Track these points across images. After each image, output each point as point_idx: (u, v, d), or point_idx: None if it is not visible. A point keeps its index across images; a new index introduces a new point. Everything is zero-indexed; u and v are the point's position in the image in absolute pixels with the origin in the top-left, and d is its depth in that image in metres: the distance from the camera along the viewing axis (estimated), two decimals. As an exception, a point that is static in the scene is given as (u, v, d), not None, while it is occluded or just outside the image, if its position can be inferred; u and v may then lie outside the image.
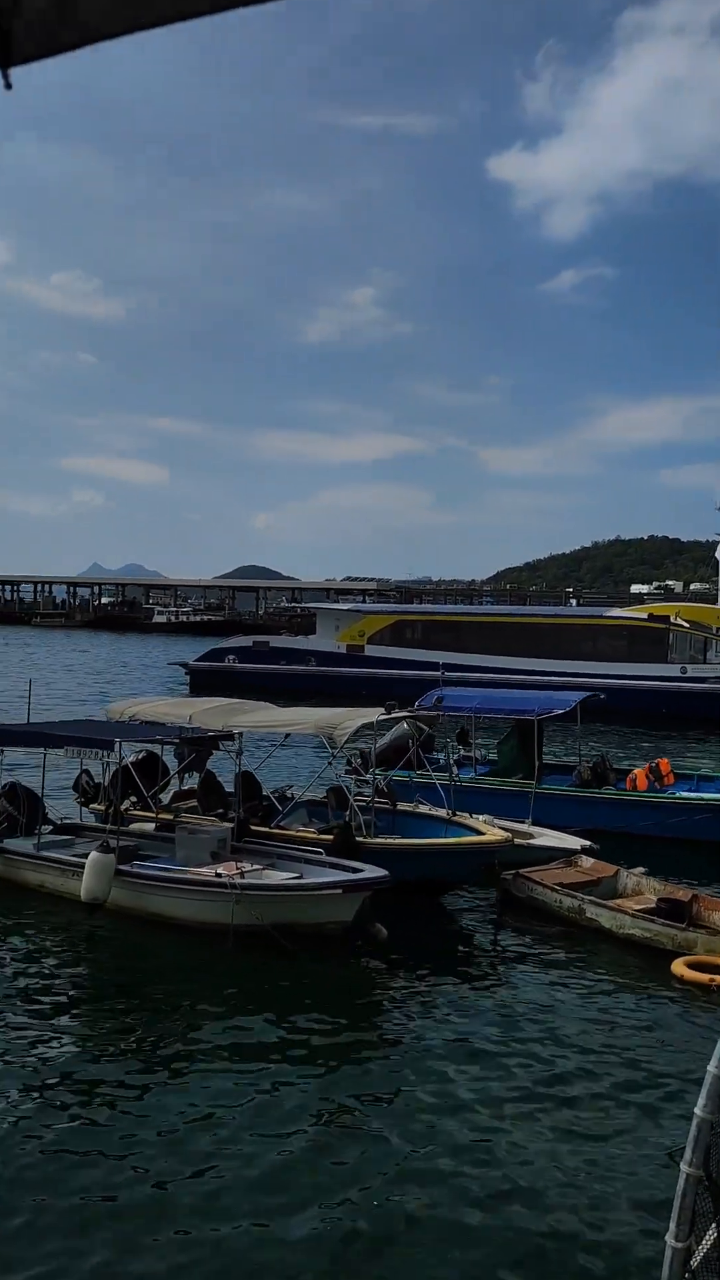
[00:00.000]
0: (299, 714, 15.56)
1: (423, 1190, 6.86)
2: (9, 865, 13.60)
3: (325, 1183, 6.93)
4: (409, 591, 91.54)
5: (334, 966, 11.10)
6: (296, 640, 51.31)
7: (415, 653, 43.47)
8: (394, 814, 15.00)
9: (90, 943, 11.69)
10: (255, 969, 10.87)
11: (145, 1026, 9.39)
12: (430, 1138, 7.54)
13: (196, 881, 11.86)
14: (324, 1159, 7.24)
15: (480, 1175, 7.05)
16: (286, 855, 13.11)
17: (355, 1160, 7.23)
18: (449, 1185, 6.93)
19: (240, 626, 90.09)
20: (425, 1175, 7.04)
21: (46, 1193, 6.71)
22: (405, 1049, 9.13)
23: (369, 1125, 7.73)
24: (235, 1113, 7.83)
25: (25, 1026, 9.29)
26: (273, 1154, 7.27)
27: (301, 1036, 9.26)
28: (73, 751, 13.55)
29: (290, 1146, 7.37)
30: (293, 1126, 7.66)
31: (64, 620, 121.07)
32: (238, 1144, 7.38)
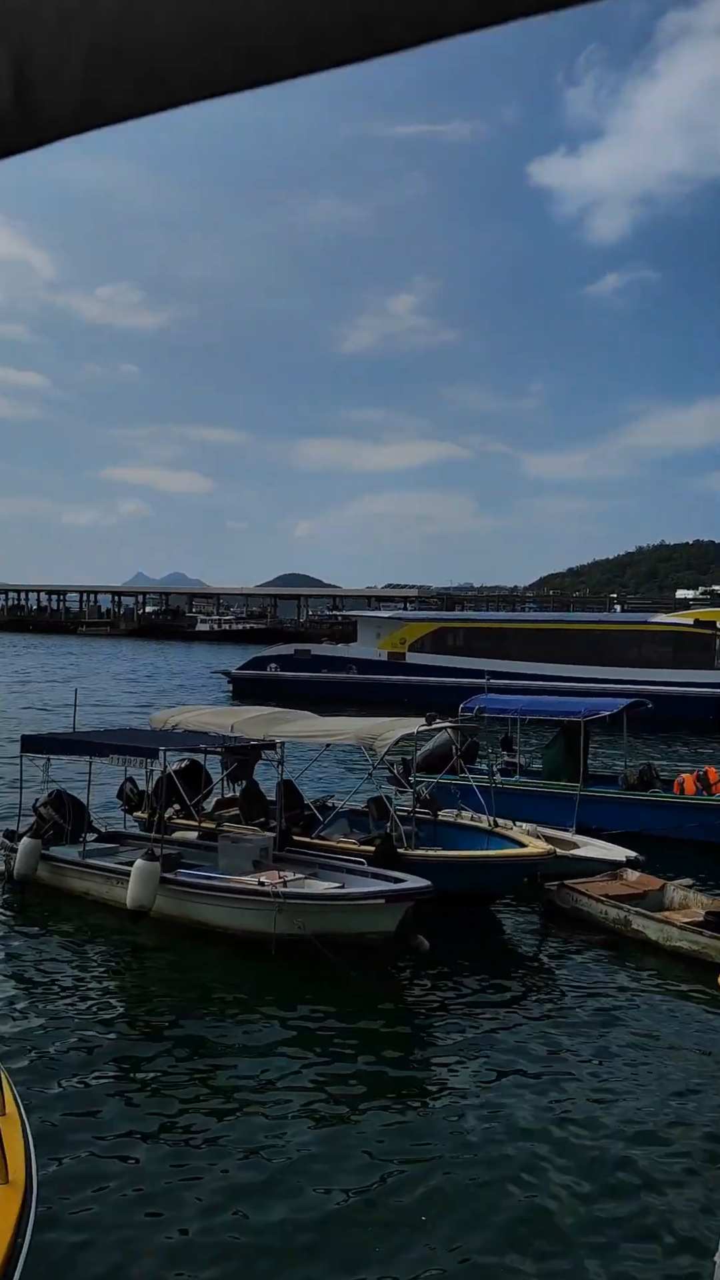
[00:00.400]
0: (340, 724, 15.56)
1: (462, 1204, 6.78)
2: (55, 873, 13.73)
3: (360, 1193, 6.88)
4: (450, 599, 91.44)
5: (375, 977, 11.05)
6: (338, 648, 51.39)
7: (457, 660, 43.28)
8: (435, 824, 14.92)
9: (135, 950, 11.76)
10: (296, 978, 10.85)
11: (186, 1034, 9.40)
12: (470, 1149, 7.46)
13: (239, 890, 11.89)
14: (361, 1169, 7.18)
15: (521, 1191, 6.95)
16: (329, 865, 13.09)
17: (393, 1171, 7.17)
18: (486, 1198, 6.84)
19: (282, 635, 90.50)
20: (464, 1187, 6.96)
21: (90, 1194, 6.73)
22: (447, 1062, 9.05)
23: (409, 1137, 7.66)
24: (274, 1121, 7.81)
25: (71, 1031, 9.34)
26: (309, 1162, 7.24)
27: (342, 1047, 9.22)
28: (118, 760, 13.66)
29: (327, 1155, 7.32)
30: (331, 1135, 7.61)
31: (109, 629, 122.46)
32: (276, 1152, 7.36)
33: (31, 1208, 4.61)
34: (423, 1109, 8.13)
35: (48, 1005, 10.02)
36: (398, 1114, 8.00)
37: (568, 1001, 10.47)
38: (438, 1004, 10.44)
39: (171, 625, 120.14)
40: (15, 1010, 9.81)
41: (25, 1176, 4.73)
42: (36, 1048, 9.00)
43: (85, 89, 1.17)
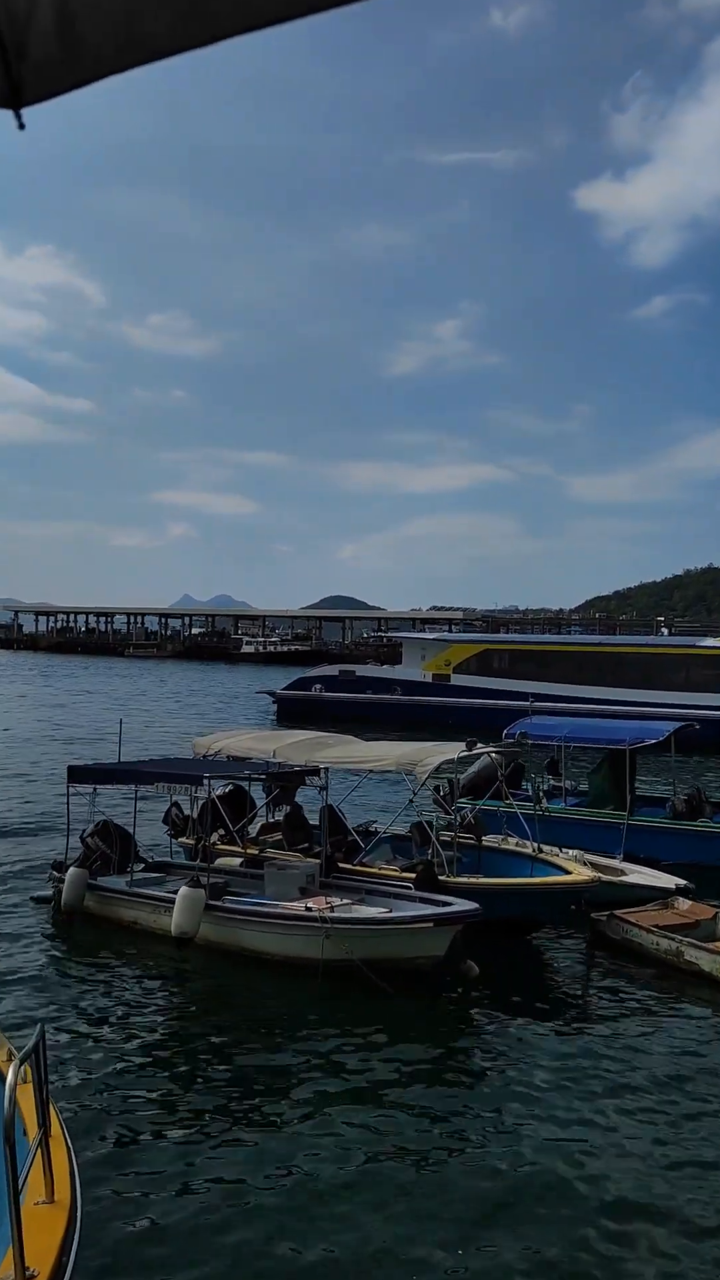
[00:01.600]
0: (381, 749, 15.50)
1: (506, 1233, 6.65)
2: (103, 902, 13.80)
3: (405, 1219, 6.79)
4: (495, 621, 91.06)
5: (424, 1003, 10.95)
6: (382, 670, 51.37)
7: (502, 682, 43.02)
8: (478, 850, 14.79)
9: (182, 977, 11.77)
10: (344, 1004, 10.79)
11: (232, 1060, 9.38)
12: (515, 1179, 7.32)
13: (286, 915, 11.86)
14: (406, 1197, 7.10)
15: (568, 1221, 6.80)
16: (375, 890, 13.02)
17: (437, 1198, 7.08)
18: (531, 1229, 6.71)
19: (327, 656, 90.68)
20: (508, 1219, 6.83)
21: (133, 1216, 6.73)
22: (496, 1089, 8.93)
23: (454, 1165, 7.55)
24: (319, 1147, 7.77)
25: (116, 1056, 9.37)
26: (354, 1190, 7.17)
27: (389, 1074, 9.14)
28: (163, 788, 13.73)
29: (373, 1184, 7.25)
30: (377, 1161, 7.54)
31: (156, 651, 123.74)
32: (320, 1179, 7.31)
33: (76, 1228, 4.65)
34: (467, 1136, 8.00)
35: (94, 1030, 10.06)
36: (446, 1143, 7.88)
37: (619, 1034, 10.27)
38: (486, 1032, 10.31)
39: (217, 647, 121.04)
40: (63, 1036, 9.85)
41: (71, 1196, 4.78)
42: (82, 1071, 9.05)
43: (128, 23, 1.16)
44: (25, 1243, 4.10)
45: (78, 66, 1.29)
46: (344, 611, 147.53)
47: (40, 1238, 4.34)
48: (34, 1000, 10.85)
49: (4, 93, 1.43)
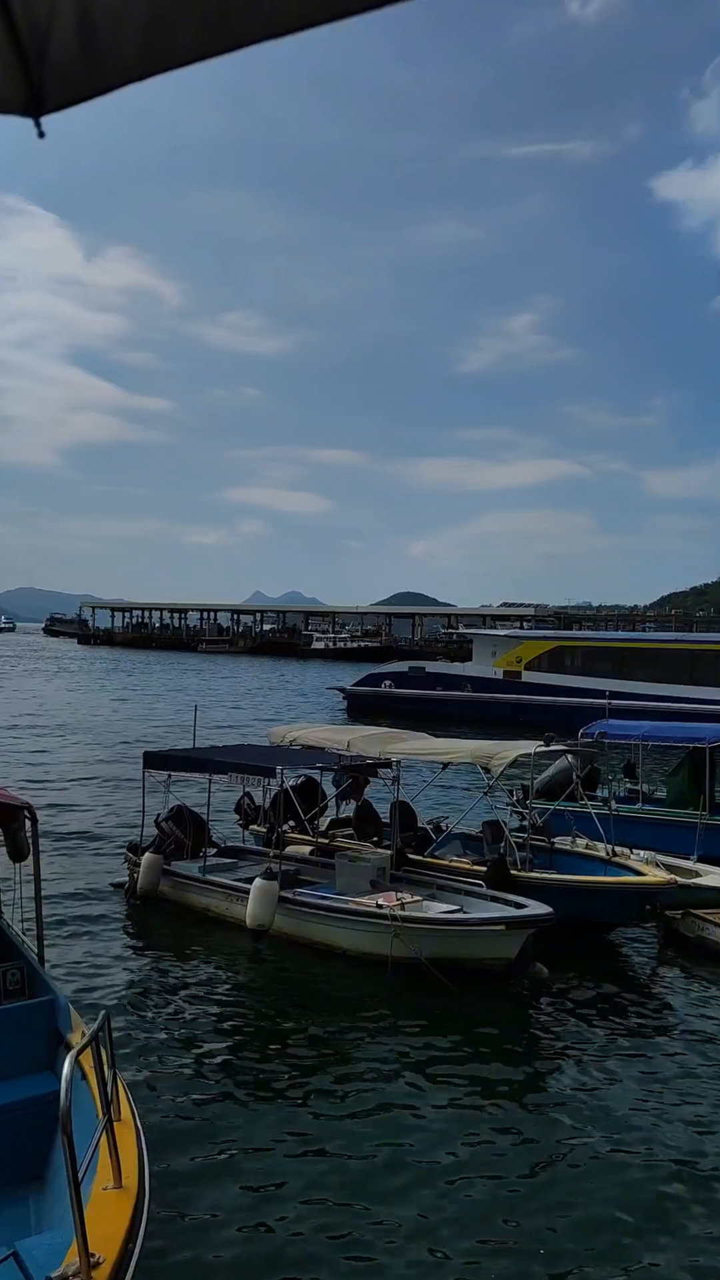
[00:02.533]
0: (455, 744, 15.43)
1: (571, 1240, 6.60)
2: (177, 888, 14.04)
3: (465, 1220, 6.79)
4: (568, 617, 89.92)
5: (492, 1004, 10.87)
6: (453, 666, 51.16)
7: (575, 680, 42.50)
8: (551, 851, 14.64)
9: (252, 966, 11.90)
10: (411, 1001, 10.77)
11: (298, 1052, 9.43)
12: (579, 1183, 7.25)
13: (357, 912, 11.88)
14: (468, 1196, 7.07)
15: (634, 1231, 6.71)
16: (448, 887, 12.99)
17: (498, 1201, 7.04)
18: (601, 1236, 6.64)
19: (397, 652, 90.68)
20: (577, 1223, 6.77)
21: (200, 1202, 6.81)
22: (562, 1093, 8.83)
23: (517, 1169, 7.50)
24: (381, 1141, 7.78)
25: (186, 1043, 9.50)
26: (416, 1189, 7.17)
27: (456, 1073, 9.10)
28: (236, 777, 13.90)
29: (435, 1182, 7.23)
30: (439, 1162, 7.52)
31: (228, 646, 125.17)
32: (383, 1171, 7.32)
33: (144, 1213, 4.65)
34: (539, 1142, 7.94)
35: (166, 1017, 10.21)
36: (512, 1146, 7.84)
37: (696, 1037, 10.09)
38: (555, 1033, 10.21)
39: (288, 643, 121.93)
40: (135, 1021, 10.02)
41: (138, 1182, 4.78)
42: (153, 1057, 9.18)
43: (150, 31, 1.16)
44: (91, 1228, 4.08)
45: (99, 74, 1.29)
46: (414, 608, 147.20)
47: (106, 1223, 4.31)
48: (109, 984, 11.06)
49: (24, 100, 1.44)
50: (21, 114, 1.45)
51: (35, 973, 7.40)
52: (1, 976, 7.32)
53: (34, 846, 7.74)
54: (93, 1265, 3.96)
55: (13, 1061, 6.46)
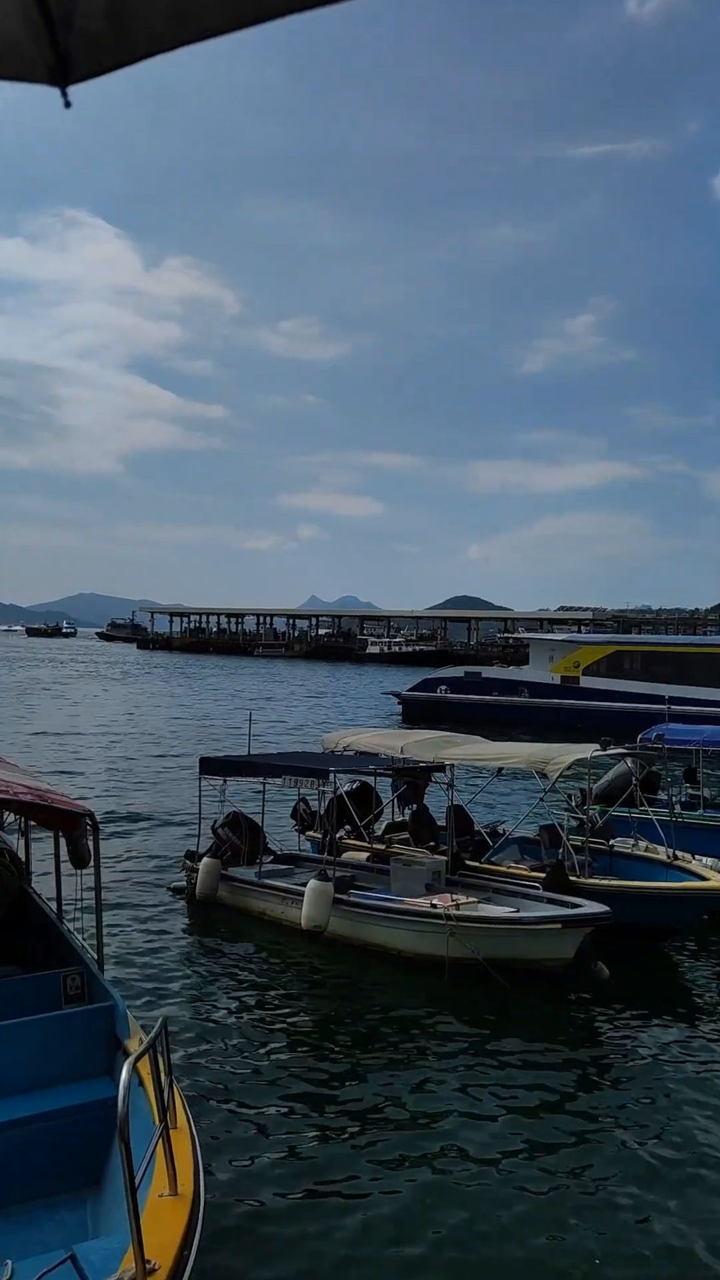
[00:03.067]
0: (511, 748, 15.30)
1: (614, 1251, 6.47)
2: (235, 892, 14.12)
3: (517, 1222, 6.71)
4: (627, 621, 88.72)
5: (551, 1003, 10.78)
6: (509, 671, 50.79)
7: (634, 685, 41.91)
8: (610, 855, 14.45)
9: (309, 969, 11.92)
10: (468, 1002, 10.71)
11: (355, 1055, 9.42)
12: (630, 1191, 7.12)
13: (412, 912, 11.86)
14: (521, 1206, 6.98)
15: (684, 1243, 6.56)
16: (503, 890, 12.89)
17: (550, 1201, 6.96)
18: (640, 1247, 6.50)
19: (452, 657, 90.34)
20: (623, 1234, 6.64)
21: (255, 1209, 6.81)
22: (620, 1098, 8.69)
23: (571, 1171, 7.39)
24: (438, 1144, 7.73)
25: (243, 1048, 9.53)
26: (468, 1188, 7.12)
27: (513, 1074, 9.02)
28: (290, 781, 13.94)
29: (493, 1191, 7.15)
30: (498, 1171, 7.44)
31: (283, 651, 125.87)
32: (439, 1175, 7.26)
33: (199, 1221, 4.63)
34: (590, 1143, 7.82)
35: (222, 1023, 10.25)
36: (569, 1148, 7.73)
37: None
38: (615, 1037, 10.06)
39: (343, 647, 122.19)
40: (192, 1027, 10.06)
41: (194, 1189, 4.77)
42: (209, 1062, 9.20)
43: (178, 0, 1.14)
44: (146, 1235, 4.09)
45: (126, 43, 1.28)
46: (469, 612, 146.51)
47: (162, 1231, 4.33)
48: (166, 989, 11.14)
49: (51, 68, 1.43)
50: (48, 82, 1.46)
51: (95, 978, 7.46)
52: (62, 982, 7.38)
53: (95, 853, 7.81)
54: (148, 1272, 3.97)
55: (72, 1066, 6.51)
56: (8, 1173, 5.91)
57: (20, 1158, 5.96)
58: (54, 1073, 6.47)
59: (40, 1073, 6.45)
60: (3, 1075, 6.36)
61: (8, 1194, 5.86)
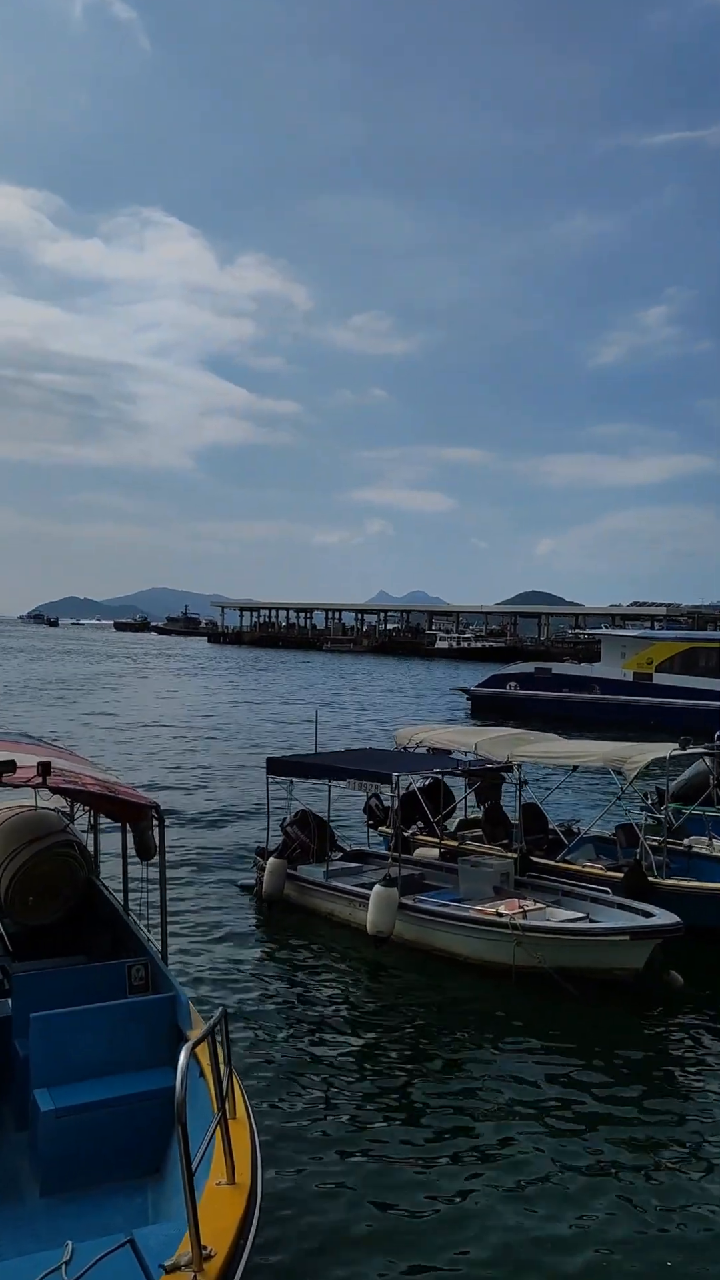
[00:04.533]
0: (586, 746, 14.93)
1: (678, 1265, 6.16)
2: (302, 892, 14.01)
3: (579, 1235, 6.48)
4: (703, 617, 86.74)
5: (621, 1013, 10.43)
6: (580, 668, 50.02)
7: (710, 683, 40.90)
8: (688, 855, 14.01)
9: (373, 972, 11.72)
10: (535, 1010, 10.43)
11: (416, 1058, 9.24)
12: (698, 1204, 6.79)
13: (477, 920, 11.58)
14: (585, 1213, 6.74)
15: None
16: (573, 893, 12.56)
17: (617, 1219, 6.68)
18: None
19: (522, 653, 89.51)
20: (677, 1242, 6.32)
21: (312, 1201, 6.72)
22: (692, 1112, 8.31)
23: (635, 1183, 7.08)
24: (496, 1150, 7.56)
25: (303, 1046, 9.42)
26: (530, 1197, 6.92)
27: (578, 1084, 8.73)
28: (355, 784, 13.80)
29: (555, 1201, 6.89)
30: (561, 1173, 7.21)
31: (352, 645, 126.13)
32: (497, 1183, 7.07)
33: (255, 1210, 4.66)
34: (666, 1159, 7.48)
35: (284, 1020, 10.15)
36: (638, 1161, 7.40)
37: None
38: (686, 1049, 9.67)
39: (411, 642, 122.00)
40: (254, 1022, 9.99)
41: (251, 1179, 4.80)
42: (270, 1058, 9.16)
43: None
44: (203, 1222, 4.16)
45: None
46: (540, 607, 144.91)
47: (219, 1219, 4.37)
48: (230, 984, 11.07)
49: None
50: None
51: (159, 969, 7.47)
52: (127, 972, 7.40)
53: (160, 845, 7.79)
54: (205, 1258, 4.04)
55: (135, 1055, 6.56)
56: (73, 1157, 5.98)
57: (84, 1143, 6.03)
58: (118, 1060, 6.53)
59: (105, 1060, 6.51)
60: (69, 1061, 6.43)
61: (73, 1178, 5.94)
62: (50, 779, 7.13)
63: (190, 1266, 3.99)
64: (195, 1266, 3.99)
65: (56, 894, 8.84)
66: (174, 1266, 4.01)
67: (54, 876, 8.79)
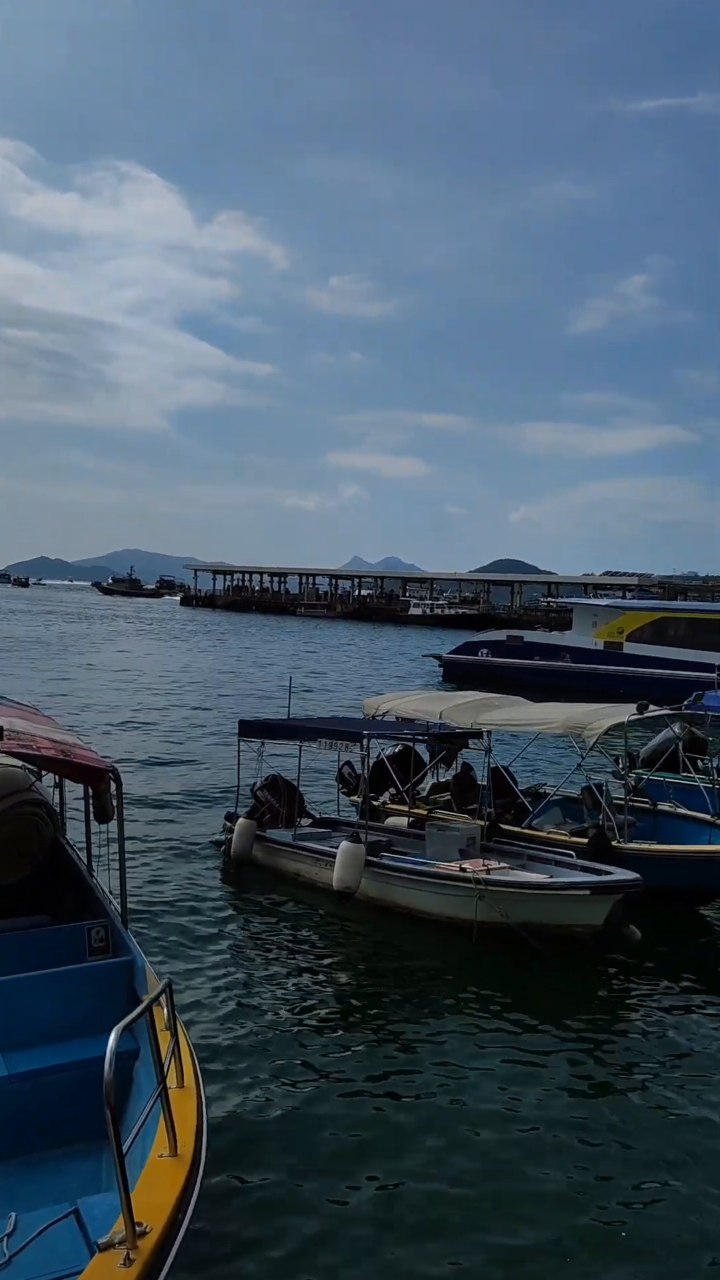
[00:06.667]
0: (548, 711, 15.12)
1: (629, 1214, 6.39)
2: (269, 853, 14.16)
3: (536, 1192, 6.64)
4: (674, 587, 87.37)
5: (579, 971, 10.69)
6: (551, 636, 50.36)
7: (679, 652, 41.31)
8: (654, 815, 14.29)
9: (338, 930, 11.92)
10: (496, 966, 10.66)
11: (377, 1018, 9.39)
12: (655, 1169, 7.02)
13: (440, 875, 11.82)
14: (540, 1172, 6.90)
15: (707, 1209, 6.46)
16: (538, 857, 12.79)
17: (572, 1179, 6.85)
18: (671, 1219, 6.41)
19: (494, 620, 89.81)
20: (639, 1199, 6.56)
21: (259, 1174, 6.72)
22: (644, 1065, 8.57)
23: (596, 1138, 7.31)
24: (458, 1110, 7.67)
25: (263, 1009, 9.49)
26: (484, 1160, 7.03)
27: (537, 1038, 8.97)
28: (326, 744, 13.92)
29: (512, 1152, 7.09)
30: (522, 1131, 7.38)
31: (325, 611, 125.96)
32: (458, 1142, 7.20)
33: (196, 1183, 4.60)
34: (610, 1109, 7.72)
35: (247, 979, 10.26)
36: (592, 1114, 7.65)
37: None
38: (642, 1004, 9.95)
39: (385, 608, 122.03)
40: (214, 984, 10.05)
41: (195, 1151, 4.74)
42: (228, 1020, 9.17)
43: None
44: (141, 1195, 4.06)
45: None
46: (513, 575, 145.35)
47: (157, 1192, 4.28)
48: (194, 945, 11.16)
49: None
50: None
51: (118, 932, 7.51)
52: (87, 934, 7.43)
53: (119, 809, 7.81)
54: (139, 1234, 3.92)
55: (91, 1019, 6.51)
56: (27, 1123, 5.97)
57: (34, 1109, 6.00)
58: (74, 1025, 6.51)
59: (60, 1024, 6.50)
60: (23, 1025, 6.42)
61: (27, 1144, 5.92)
62: (3, 743, 7.06)
63: (124, 1244, 3.87)
64: (129, 1244, 3.87)
65: (24, 853, 8.87)
66: (108, 1245, 3.88)
67: (20, 836, 8.79)
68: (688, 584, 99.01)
